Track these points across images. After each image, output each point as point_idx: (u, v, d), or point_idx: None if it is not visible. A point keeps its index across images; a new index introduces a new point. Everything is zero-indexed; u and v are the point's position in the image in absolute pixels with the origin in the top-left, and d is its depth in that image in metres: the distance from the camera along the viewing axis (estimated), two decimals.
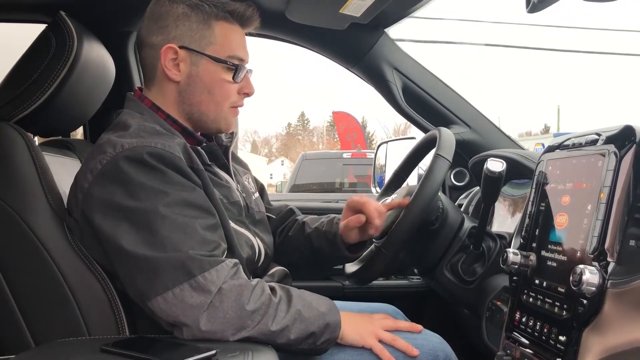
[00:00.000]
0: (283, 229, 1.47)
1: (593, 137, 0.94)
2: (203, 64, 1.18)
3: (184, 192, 1.06)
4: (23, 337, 1.09)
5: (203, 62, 1.17)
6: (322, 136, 55.77)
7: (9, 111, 1.20)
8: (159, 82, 1.20)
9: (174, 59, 1.17)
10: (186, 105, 1.20)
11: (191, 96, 1.19)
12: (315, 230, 1.41)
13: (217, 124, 1.23)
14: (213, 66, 1.18)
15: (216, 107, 1.20)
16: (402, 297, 1.90)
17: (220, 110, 1.21)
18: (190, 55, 1.17)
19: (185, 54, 1.17)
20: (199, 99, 1.19)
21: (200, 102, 1.19)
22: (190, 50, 1.17)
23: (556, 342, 0.88)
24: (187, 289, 0.99)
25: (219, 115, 1.21)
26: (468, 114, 1.80)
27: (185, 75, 1.18)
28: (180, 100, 1.19)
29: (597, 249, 0.83)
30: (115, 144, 1.07)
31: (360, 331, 1.13)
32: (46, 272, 1.09)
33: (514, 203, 1.47)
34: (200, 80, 1.18)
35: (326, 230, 1.39)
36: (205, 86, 1.18)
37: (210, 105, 1.20)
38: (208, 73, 1.18)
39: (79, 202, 1.09)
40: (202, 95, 1.19)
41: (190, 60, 1.17)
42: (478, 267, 1.31)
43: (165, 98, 1.20)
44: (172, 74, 1.17)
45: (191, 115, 1.20)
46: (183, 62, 1.17)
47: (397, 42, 1.79)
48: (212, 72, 1.18)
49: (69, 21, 1.25)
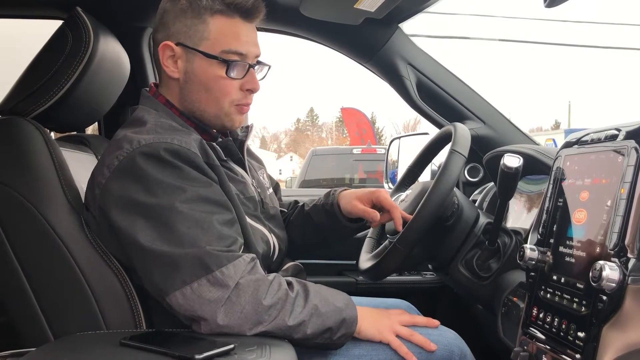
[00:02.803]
0: (287, 217, 1.48)
1: (612, 133, 0.94)
2: (197, 61, 1.16)
3: (200, 187, 1.06)
4: (42, 330, 1.10)
5: (197, 58, 1.15)
6: (331, 132, 55.72)
7: (27, 107, 1.21)
8: (165, 79, 1.21)
9: (172, 55, 1.16)
10: (187, 103, 1.19)
11: (190, 93, 1.18)
12: (314, 206, 1.42)
13: (220, 121, 1.20)
14: (206, 62, 1.15)
15: (216, 104, 1.18)
16: (415, 293, 1.90)
17: (220, 107, 1.18)
18: (185, 52, 1.16)
19: (181, 50, 1.16)
20: (197, 96, 1.18)
21: (200, 100, 1.18)
22: (184, 46, 1.15)
23: (575, 338, 0.87)
24: (204, 283, 0.99)
25: (219, 113, 1.19)
26: (482, 110, 1.80)
27: (182, 72, 1.17)
28: (183, 98, 1.19)
29: (618, 245, 0.83)
30: (132, 140, 1.08)
31: (378, 326, 1.13)
32: (64, 266, 1.10)
33: (529, 199, 1.47)
34: (196, 77, 1.16)
35: (323, 202, 1.39)
36: (201, 83, 1.16)
37: (210, 102, 1.18)
38: (202, 69, 1.16)
39: (96, 197, 1.09)
40: (200, 92, 1.17)
41: (186, 57, 1.16)
42: (493, 263, 1.30)
43: (171, 95, 1.20)
44: (170, 70, 1.17)
45: (193, 112, 1.19)
46: (180, 59, 1.16)
47: (411, 37, 1.78)
48: (206, 69, 1.15)
49: (85, 17, 1.25)
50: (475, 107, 1.80)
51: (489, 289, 1.29)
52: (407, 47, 1.78)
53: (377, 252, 1.44)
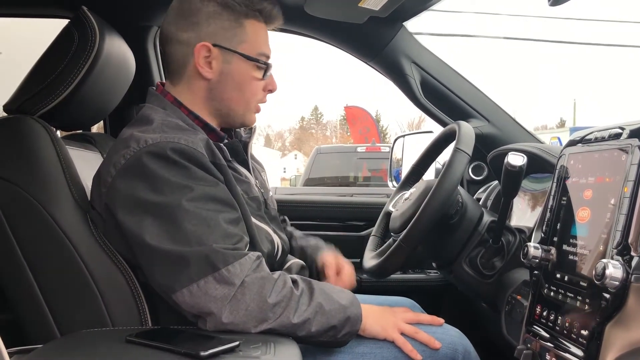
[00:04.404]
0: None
1: (616, 131, 0.94)
2: (235, 62, 1.19)
3: (207, 187, 1.07)
4: (49, 327, 1.11)
5: (235, 60, 1.19)
6: (335, 130, 55.68)
7: (33, 105, 1.22)
8: (188, 79, 1.21)
9: (207, 56, 1.18)
10: (216, 102, 1.21)
11: (222, 93, 1.20)
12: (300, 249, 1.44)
13: (243, 120, 1.26)
14: (245, 64, 1.20)
15: (245, 104, 1.23)
16: (419, 291, 1.90)
17: (248, 107, 1.24)
18: (222, 53, 1.18)
19: (217, 51, 1.18)
20: (229, 95, 1.21)
21: (230, 99, 1.21)
22: (223, 48, 1.18)
23: (578, 335, 0.88)
24: (211, 281, 1.00)
25: (246, 112, 1.24)
26: (486, 108, 1.80)
27: (217, 73, 1.19)
28: (210, 97, 1.21)
29: (621, 243, 0.83)
30: (139, 139, 1.08)
31: (383, 324, 1.14)
32: (71, 264, 1.10)
33: (533, 197, 1.47)
34: (232, 78, 1.20)
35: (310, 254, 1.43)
36: (236, 84, 1.20)
37: (240, 102, 1.22)
38: (239, 71, 1.20)
39: (102, 195, 1.10)
40: (233, 92, 1.21)
41: (223, 58, 1.18)
42: (497, 261, 1.30)
43: (194, 94, 1.21)
44: (205, 71, 1.18)
45: (220, 111, 1.22)
46: (215, 60, 1.18)
47: (415, 35, 1.78)
48: (243, 70, 1.20)
49: (91, 16, 1.26)
50: (479, 106, 1.80)
51: (493, 287, 1.29)
52: (412, 45, 1.78)
53: (381, 250, 1.44)
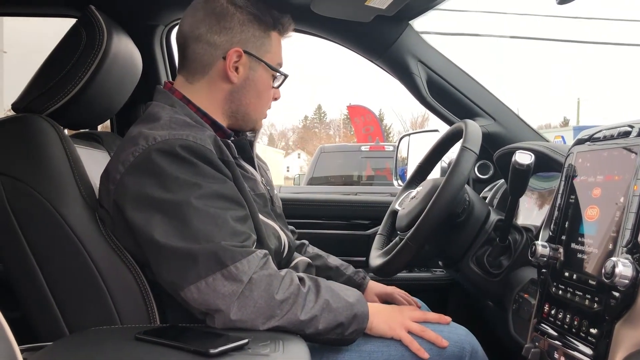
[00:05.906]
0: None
1: (625, 129, 0.94)
2: (260, 70, 1.24)
3: (215, 184, 1.07)
4: (58, 325, 1.11)
5: (260, 68, 1.24)
6: (339, 129, 55.62)
7: (41, 104, 1.22)
8: (210, 79, 1.22)
9: (235, 61, 1.21)
10: (234, 105, 1.24)
11: (242, 97, 1.24)
12: (338, 270, 1.48)
13: (255, 125, 1.31)
14: (266, 73, 1.25)
15: (261, 110, 1.29)
16: (425, 290, 1.90)
17: (262, 113, 1.30)
18: (250, 60, 1.22)
19: (246, 58, 1.22)
20: (248, 101, 1.25)
21: (249, 104, 1.25)
22: (252, 55, 1.22)
23: (587, 334, 0.88)
24: (219, 278, 1.00)
25: (259, 117, 1.30)
26: (493, 107, 1.79)
27: (242, 79, 1.23)
28: (229, 99, 1.23)
29: (631, 241, 0.83)
30: (147, 137, 1.08)
31: (390, 322, 1.14)
32: (80, 262, 1.11)
33: (540, 196, 1.46)
34: (255, 85, 1.24)
35: (352, 276, 1.49)
36: (257, 91, 1.25)
37: (257, 108, 1.27)
38: (262, 79, 1.25)
39: (110, 193, 1.10)
40: (252, 98, 1.25)
41: (250, 65, 1.23)
42: (504, 259, 1.31)
43: (212, 94, 1.22)
44: (233, 75, 1.21)
45: (236, 114, 1.25)
46: (243, 66, 1.22)
47: (421, 34, 1.78)
48: (265, 79, 1.26)
49: (98, 15, 1.26)
50: (485, 104, 1.79)
51: (500, 286, 1.30)
52: (418, 44, 1.77)
53: (388, 249, 1.44)
